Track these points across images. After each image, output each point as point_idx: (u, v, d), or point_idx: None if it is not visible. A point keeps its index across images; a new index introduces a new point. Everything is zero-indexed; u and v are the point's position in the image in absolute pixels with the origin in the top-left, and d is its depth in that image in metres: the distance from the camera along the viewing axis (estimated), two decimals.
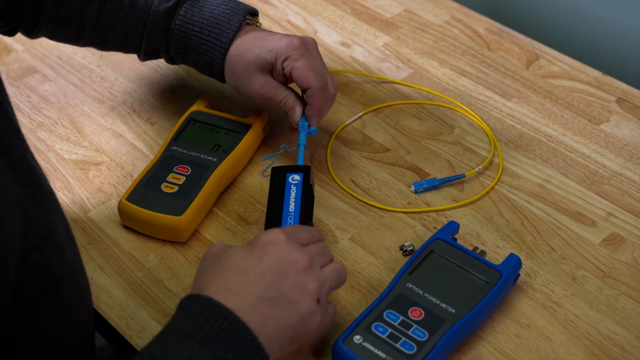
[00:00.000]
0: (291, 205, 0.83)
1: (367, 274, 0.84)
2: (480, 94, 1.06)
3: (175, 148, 0.92)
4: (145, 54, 0.95)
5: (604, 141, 0.99)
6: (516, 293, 0.82)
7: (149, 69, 1.09)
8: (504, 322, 0.80)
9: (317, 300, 0.70)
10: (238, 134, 0.94)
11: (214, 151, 0.92)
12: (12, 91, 1.05)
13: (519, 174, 0.95)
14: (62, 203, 0.84)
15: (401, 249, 0.86)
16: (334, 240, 0.87)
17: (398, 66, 1.11)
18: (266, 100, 0.91)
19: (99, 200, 0.92)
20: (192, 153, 0.91)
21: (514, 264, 0.80)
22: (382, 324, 0.75)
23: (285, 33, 0.92)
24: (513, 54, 1.12)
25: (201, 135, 0.94)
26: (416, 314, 0.76)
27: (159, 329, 0.76)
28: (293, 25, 1.18)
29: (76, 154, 0.97)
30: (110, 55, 1.10)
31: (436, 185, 0.93)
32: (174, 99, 1.04)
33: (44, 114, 1.02)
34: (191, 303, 0.68)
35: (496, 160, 0.96)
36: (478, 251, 0.83)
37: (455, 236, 0.85)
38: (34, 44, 1.12)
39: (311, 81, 0.88)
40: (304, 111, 0.91)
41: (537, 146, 0.99)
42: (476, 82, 1.08)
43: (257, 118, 0.96)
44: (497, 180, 0.94)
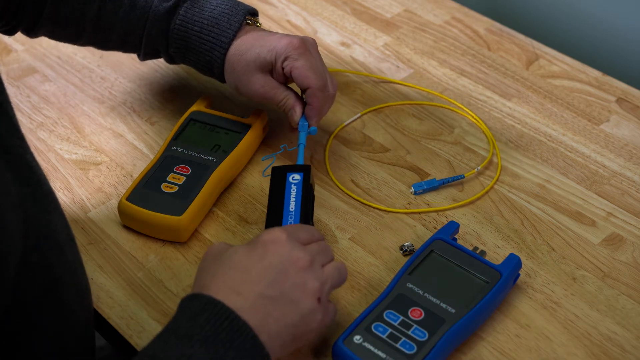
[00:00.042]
0: (292, 205, 0.83)
1: (367, 274, 0.84)
2: (480, 94, 1.06)
3: (175, 148, 0.92)
4: (145, 54, 0.95)
5: (604, 141, 0.99)
6: (516, 293, 0.82)
7: (149, 69, 1.09)
8: (504, 322, 0.80)
9: (318, 299, 0.70)
10: (238, 134, 0.94)
11: (214, 151, 0.92)
12: (12, 91, 1.05)
13: (519, 174, 0.95)
14: (62, 203, 0.84)
15: (401, 249, 0.86)
16: (334, 240, 0.87)
17: (398, 66, 1.11)
18: (266, 100, 0.91)
19: (99, 200, 0.92)
20: (192, 153, 0.91)
21: (514, 264, 0.80)
22: (382, 324, 0.75)
23: (285, 33, 0.92)
24: (513, 54, 1.12)
25: (201, 135, 0.94)
26: (416, 314, 0.76)
27: (159, 329, 0.76)
28: (293, 25, 1.18)
29: (76, 154, 0.97)
30: (110, 55, 1.10)
31: (435, 187, 0.93)
32: (174, 99, 1.04)
33: (44, 114, 1.02)
34: (192, 302, 0.68)
35: (495, 160, 0.96)
36: (478, 251, 0.83)
37: (455, 236, 0.85)
38: (34, 44, 1.12)
39: (311, 81, 0.88)
40: (304, 111, 0.91)
41: (537, 146, 0.99)
42: (476, 82, 1.08)
43: (257, 118, 0.96)
44: (496, 180, 0.94)
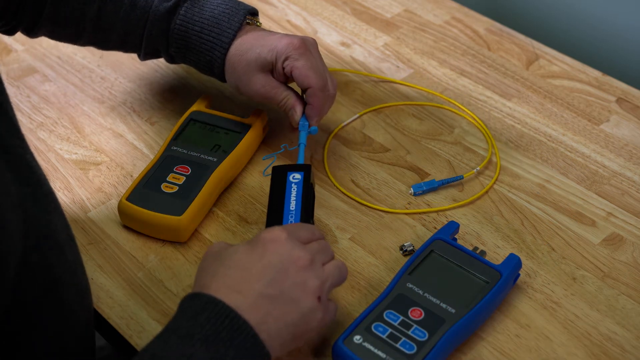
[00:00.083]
0: (292, 204, 0.83)
1: (367, 274, 0.84)
2: (480, 94, 1.06)
3: (175, 148, 0.92)
4: (145, 54, 0.95)
5: (604, 141, 0.99)
6: (516, 293, 0.82)
7: (149, 69, 1.09)
8: (504, 322, 0.80)
9: (318, 298, 0.70)
10: (238, 134, 0.94)
11: (214, 151, 0.92)
12: (12, 91, 1.05)
13: (519, 174, 0.95)
14: (62, 203, 0.84)
15: (401, 249, 0.86)
16: (334, 240, 0.87)
17: (398, 66, 1.10)
18: (266, 100, 0.91)
19: (99, 200, 0.92)
20: (192, 153, 0.91)
21: (514, 264, 0.80)
22: (382, 324, 0.75)
23: (285, 33, 0.92)
24: (513, 54, 1.12)
25: (201, 135, 0.94)
26: (416, 314, 0.76)
27: (159, 329, 0.76)
28: (293, 25, 1.18)
29: (76, 154, 0.97)
30: (110, 55, 1.10)
31: (435, 188, 0.92)
32: (174, 99, 1.04)
33: (44, 114, 1.02)
34: (192, 301, 0.68)
35: (495, 160, 0.96)
36: (478, 251, 0.83)
37: (455, 236, 0.85)
38: (34, 44, 1.12)
39: (311, 81, 0.88)
40: (304, 111, 0.91)
41: (537, 146, 0.99)
42: (476, 82, 1.08)
43: (257, 118, 0.96)
44: (495, 180, 0.94)
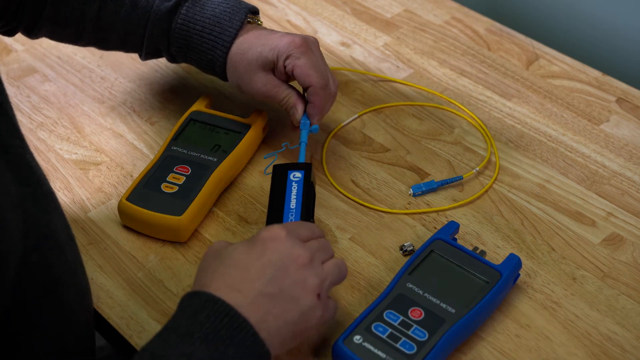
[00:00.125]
0: (292, 202, 0.83)
1: (367, 274, 0.84)
2: (480, 94, 1.06)
3: (175, 148, 0.92)
4: (146, 53, 0.95)
5: (604, 141, 0.99)
6: (516, 293, 0.82)
7: (149, 69, 1.09)
8: (504, 322, 0.80)
9: (318, 296, 0.70)
10: (238, 134, 0.94)
11: (214, 151, 0.92)
12: (12, 91, 1.05)
13: (519, 174, 0.95)
14: (62, 203, 0.84)
15: (401, 249, 0.86)
16: (334, 240, 0.87)
17: (398, 66, 1.10)
18: (268, 99, 0.91)
19: (99, 200, 0.92)
20: (192, 153, 0.91)
21: (514, 264, 0.80)
22: (382, 324, 0.75)
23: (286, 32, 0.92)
24: (513, 54, 1.12)
25: (201, 135, 0.94)
26: (416, 314, 0.76)
27: (159, 329, 0.76)
28: (293, 25, 1.18)
29: (76, 154, 0.97)
30: (110, 55, 1.10)
31: (434, 188, 0.92)
32: (174, 99, 1.04)
33: (44, 114, 1.02)
34: (192, 300, 0.68)
35: (494, 160, 0.96)
36: (478, 251, 0.83)
37: (455, 236, 0.85)
38: (34, 44, 1.12)
39: (313, 79, 0.88)
40: (306, 109, 0.91)
41: (537, 146, 0.99)
42: (476, 82, 1.08)
43: (257, 118, 0.96)
44: (495, 180, 0.94)
